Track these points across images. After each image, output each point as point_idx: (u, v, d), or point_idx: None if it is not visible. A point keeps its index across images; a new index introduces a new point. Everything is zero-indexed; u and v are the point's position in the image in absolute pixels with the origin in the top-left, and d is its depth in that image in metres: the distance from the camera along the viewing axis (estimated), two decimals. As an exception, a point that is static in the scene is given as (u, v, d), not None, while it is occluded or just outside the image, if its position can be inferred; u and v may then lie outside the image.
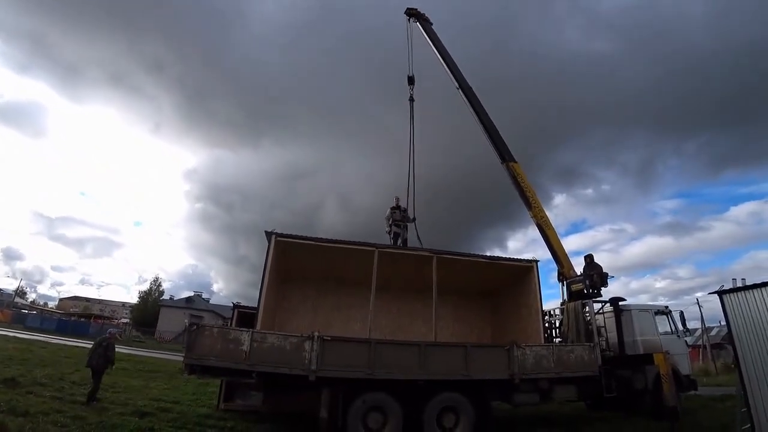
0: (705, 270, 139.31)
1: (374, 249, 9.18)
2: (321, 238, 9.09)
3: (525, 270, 10.47)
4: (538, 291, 10.12)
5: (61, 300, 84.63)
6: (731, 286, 7.11)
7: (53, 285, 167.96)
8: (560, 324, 11.09)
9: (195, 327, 7.24)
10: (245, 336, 7.01)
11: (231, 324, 9.94)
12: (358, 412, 7.11)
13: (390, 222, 11.27)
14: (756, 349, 6.32)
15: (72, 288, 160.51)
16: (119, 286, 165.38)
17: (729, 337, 6.96)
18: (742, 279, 20.99)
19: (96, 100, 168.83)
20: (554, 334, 11.22)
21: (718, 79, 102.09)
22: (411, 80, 14.58)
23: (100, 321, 41.37)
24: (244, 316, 10.14)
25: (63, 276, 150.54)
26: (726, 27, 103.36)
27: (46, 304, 72.35)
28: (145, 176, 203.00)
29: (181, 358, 21.94)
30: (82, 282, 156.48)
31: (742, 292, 6.75)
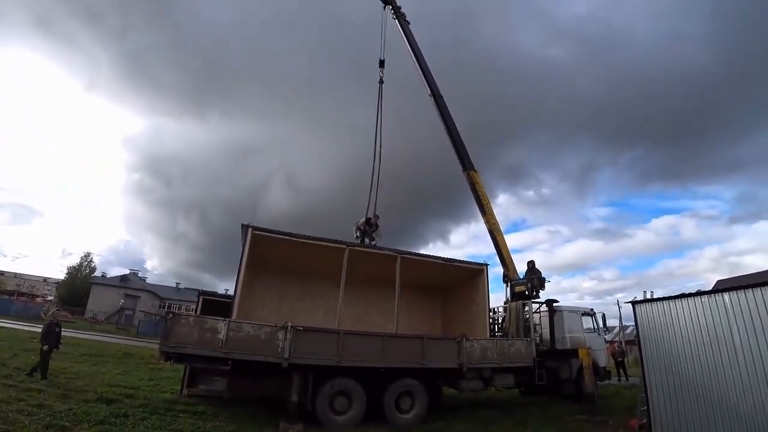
0: (626, 273, 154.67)
1: (345, 247, 9.81)
2: (295, 234, 9.49)
3: (477, 272, 11.61)
4: (486, 290, 11.30)
5: (-31, 273, 76.02)
6: (643, 297, 8.58)
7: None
8: (502, 320, 12.45)
9: (171, 315, 7.47)
10: (222, 325, 7.35)
11: (196, 312, 10.14)
12: (326, 396, 7.78)
13: (359, 231, 11.98)
14: (656, 349, 7.80)
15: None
16: (39, 258, 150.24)
17: (637, 338, 8.44)
18: (651, 291, 24.94)
19: (19, 44, 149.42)
20: (496, 329, 12.57)
21: (655, 99, 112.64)
22: (382, 63, 15.29)
23: (23, 298, 38.07)
24: (209, 303, 10.40)
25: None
26: (669, 53, 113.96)
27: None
28: (74, 138, 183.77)
29: (120, 341, 21.47)
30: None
31: (650, 303, 8.24)
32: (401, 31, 15.18)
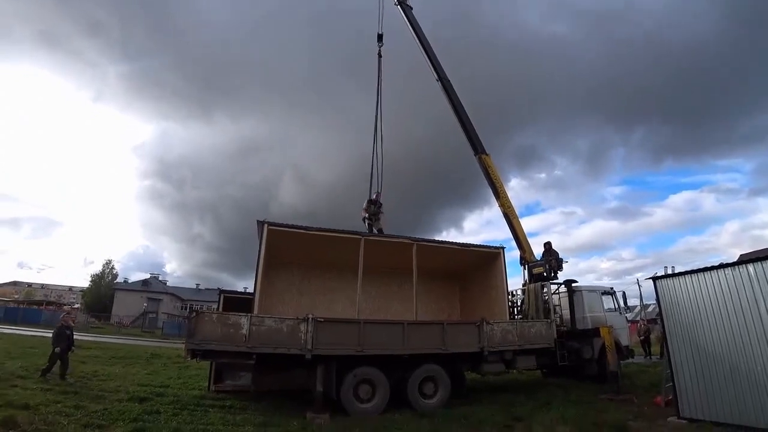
0: (645, 252, 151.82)
1: (360, 237, 9.87)
2: (310, 227, 9.60)
3: (493, 255, 11.58)
4: (504, 274, 11.28)
5: (-2, 286, 78.65)
6: (663, 273, 8.43)
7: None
8: (522, 303, 12.41)
9: (194, 314, 7.63)
10: (244, 320, 7.48)
11: (218, 309, 10.35)
12: (350, 385, 7.88)
13: (366, 215, 12.06)
14: (679, 324, 7.67)
15: (9, 272, 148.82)
16: (63, 268, 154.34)
17: (659, 314, 8.32)
18: (672, 267, 24.53)
19: (25, 60, 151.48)
20: (516, 312, 12.54)
21: (664, 72, 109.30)
22: (380, 38, 15.21)
23: (51, 308, 39.35)
24: (230, 301, 10.60)
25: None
26: (675, 21, 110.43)
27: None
28: (86, 149, 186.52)
29: (147, 343, 22.10)
30: (20, 265, 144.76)
31: (671, 278, 8.10)
32: (404, 17, 15.02)
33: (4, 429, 5.59)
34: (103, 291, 53.80)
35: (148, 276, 61.73)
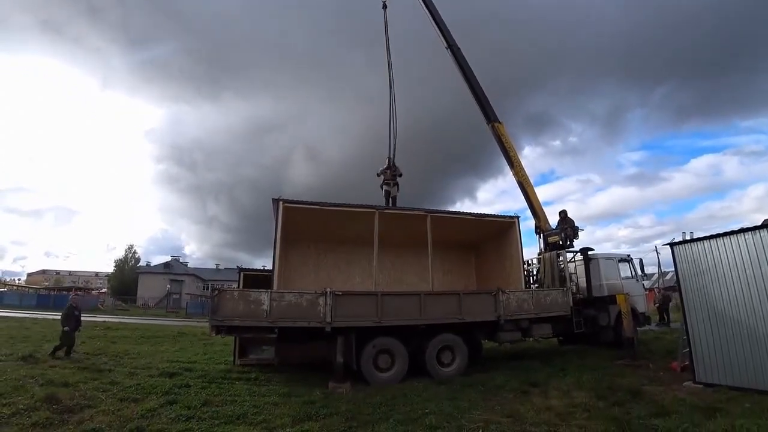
0: (664, 219, 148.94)
1: (375, 211, 9.90)
2: (324, 203, 9.66)
3: (508, 225, 11.55)
4: (519, 243, 11.26)
5: (29, 275, 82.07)
6: (681, 239, 8.29)
7: (16, 260, 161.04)
8: (537, 272, 12.42)
9: (216, 292, 7.85)
10: (265, 296, 7.67)
11: (239, 287, 10.63)
12: (369, 356, 8.11)
13: (382, 182, 12.07)
14: (696, 290, 7.59)
15: (37, 261, 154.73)
16: (87, 255, 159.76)
17: (677, 280, 8.23)
18: (691, 232, 24.04)
19: (31, 50, 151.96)
20: (531, 281, 12.57)
21: (684, 31, 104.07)
22: None
23: (80, 293, 41.05)
24: (250, 278, 10.87)
25: (24, 250, 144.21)
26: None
27: (17, 280, 70.21)
28: (98, 136, 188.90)
29: (172, 323, 22.75)
30: (47, 254, 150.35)
31: (689, 244, 7.96)
32: None
33: (48, 404, 5.91)
34: (127, 275, 55.54)
35: (169, 258, 63.39)
